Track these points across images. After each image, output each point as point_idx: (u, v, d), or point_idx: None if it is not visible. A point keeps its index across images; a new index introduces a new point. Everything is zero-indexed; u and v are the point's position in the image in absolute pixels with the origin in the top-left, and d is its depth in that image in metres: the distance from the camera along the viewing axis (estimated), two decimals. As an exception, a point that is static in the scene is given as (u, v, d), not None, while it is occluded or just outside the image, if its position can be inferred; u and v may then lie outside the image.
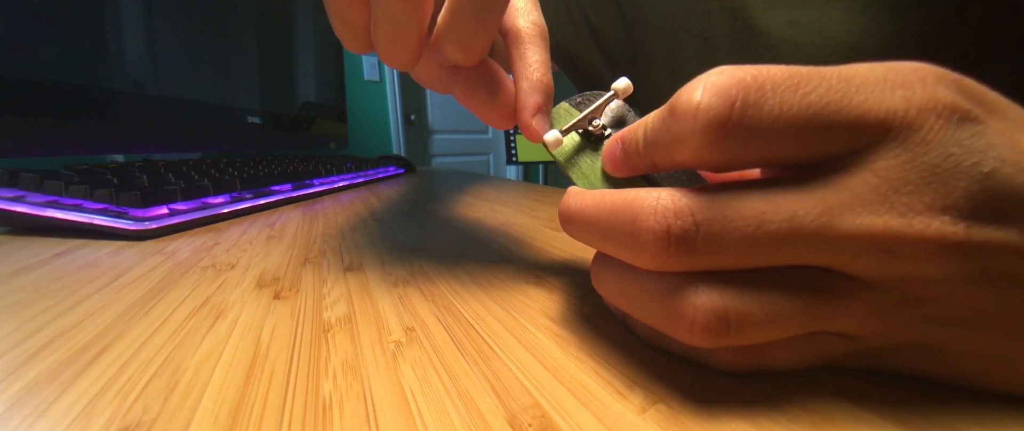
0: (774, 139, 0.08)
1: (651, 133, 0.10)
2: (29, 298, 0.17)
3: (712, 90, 0.08)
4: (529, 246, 0.24)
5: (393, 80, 1.47)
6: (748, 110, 0.08)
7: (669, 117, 0.09)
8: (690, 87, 0.09)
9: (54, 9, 0.36)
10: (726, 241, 0.09)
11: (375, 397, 0.10)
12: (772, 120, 0.08)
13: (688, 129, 0.09)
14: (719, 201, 0.09)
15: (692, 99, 0.09)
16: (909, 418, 0.09)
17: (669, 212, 0.09)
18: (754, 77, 0.08)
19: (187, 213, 0.30)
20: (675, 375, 0.11)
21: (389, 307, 0.15)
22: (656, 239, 0.09)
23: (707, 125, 0.08)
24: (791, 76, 0.08)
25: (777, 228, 0.08)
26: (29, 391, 0.11)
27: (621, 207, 0.10)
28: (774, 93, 0.08)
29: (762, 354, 0.11)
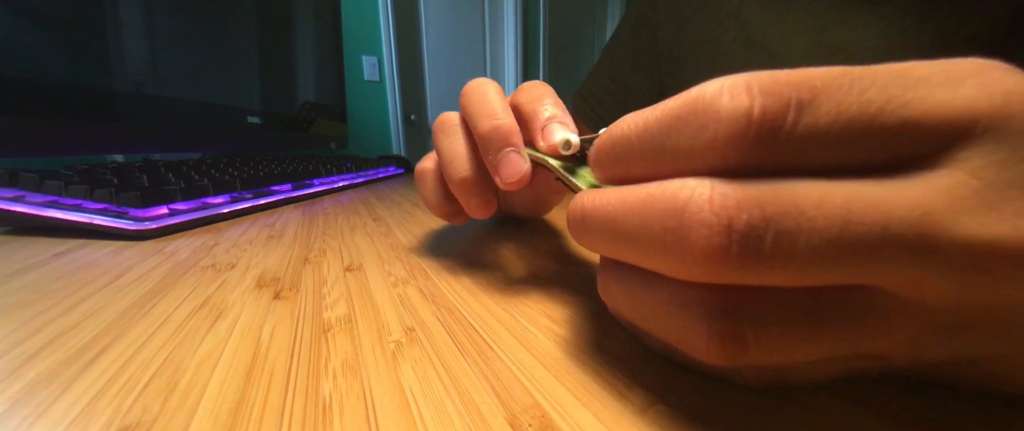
0: (831, 145, 0.07)
1: (655, 135, 0.08)
2: (29, 298, 0.17)
3: (757, 87, 0.07)
4: (529, 246, 0.24)
5: (393, 80, 1.48)
6: (804, 110, 0.07)
7: (686, 116, 0.08)
8: (711, 86, 0.08)
9: (54, 9, 0.36)
10: (801, 245, 0.07)
11: (375, 397, 0.10)
12: (830, 122, 0.07)
13: (715, 132, 0.07)
14: (790, 191, 0.07)
15: (720, 98, 0.07)
16: (911, 419, 0.09)
17: (731, 203, 0.07)
18: (800, 75, 0.07)
19: (187, 213, 0.30)
20: (675, 375, 0.11)
21: (389, 307, 0.15)
22: (712, 235, 0.07)
23: (749, 128, 0.07)
24: (842, 74, 0.07)
25: (868, 231, 0.07)
26: (29, 391, 0.11)
27: (659, 199, 0.08)
28: (828, 92, 0.07)
29: (784, 377, 0.10)
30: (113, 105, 0.41)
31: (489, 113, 0.16)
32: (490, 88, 0.17)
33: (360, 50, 1.37)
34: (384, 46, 1.44)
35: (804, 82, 0.07)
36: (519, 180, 0.15)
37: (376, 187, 0.57)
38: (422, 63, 1.65)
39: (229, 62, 0.57)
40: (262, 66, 0.64)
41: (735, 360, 0.08)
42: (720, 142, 0.07)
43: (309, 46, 0.77)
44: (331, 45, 0.85)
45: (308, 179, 0.50)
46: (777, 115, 0.07)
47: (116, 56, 0.41)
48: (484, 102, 0.16)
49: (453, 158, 0.17)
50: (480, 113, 0.16)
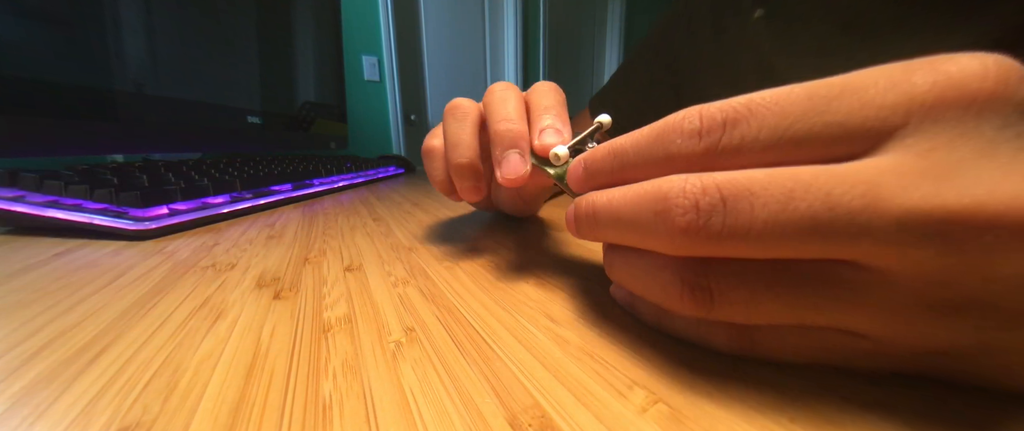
0: (762, 151, 0.09)
1: (643, 150, 0.11)
2: (29, 298, 0.17)
3: (700, 111, 0.10)
4: (529, 246, 0.24)
5: (393, 80, 1.47)
6: (734, 127, 0.09)
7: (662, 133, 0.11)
8: (679, 113, 0.10)
9: (54, 9, 0.36)
10: (755, 219, 0.08)
11: (375, 397, 0.10)
12: (754, 135, 0.09)
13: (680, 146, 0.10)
14: (748, 178, 0.09)
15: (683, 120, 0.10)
16: (911, 419, 0.09)
17: (697, 189, 0.09)
18: (735, 100, 0.09)
19: (187, 213, 0.30)
20: (675, 375, 0.11)
21: (389, 307, 0.15)
22: (685, 213, 0.09)
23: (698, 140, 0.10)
24: (771, 95, 0.09)
25: (809, 206, 0.08)
26: (29, 391, 0.11)
27: (651, 192, 0.10)
28: (752, 111, 0.09)
29: (755, 340, 0.11)
30: (113, 105, 0.41)
31: (505, 116, 0.18)
32: (512, 95, 0.19)
33: (360, 50, 1.37)
34: (384, 46, 1.43)
35: (734, 105, 0.09)
36: (517, 178, 0.17)
37: (376, 187, 0.57)
38: (422, 63, 1.65)
39: (229, 62, 0.57)
40: (262, 66, 0.64)
41: (704, 310, 0.10)
42: (684, 150, 0.10)
43: (309, 46, 0.77)
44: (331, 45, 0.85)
45: (308, 179, 0.50)
46: (713, 129, 0.10)
47: (116, 56, 0.41)
48: (504, 105, 0.18)
49: (457, 143, 0.19)
50: (498, 113, 0.18)
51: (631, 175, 0.12)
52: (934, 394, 0.10)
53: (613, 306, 0.15)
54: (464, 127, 0.19)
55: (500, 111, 0.18)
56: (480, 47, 1.87)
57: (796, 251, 0.08)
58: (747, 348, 0.11)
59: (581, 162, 0.14)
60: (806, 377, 0.11)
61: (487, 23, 1.85)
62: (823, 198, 0.08)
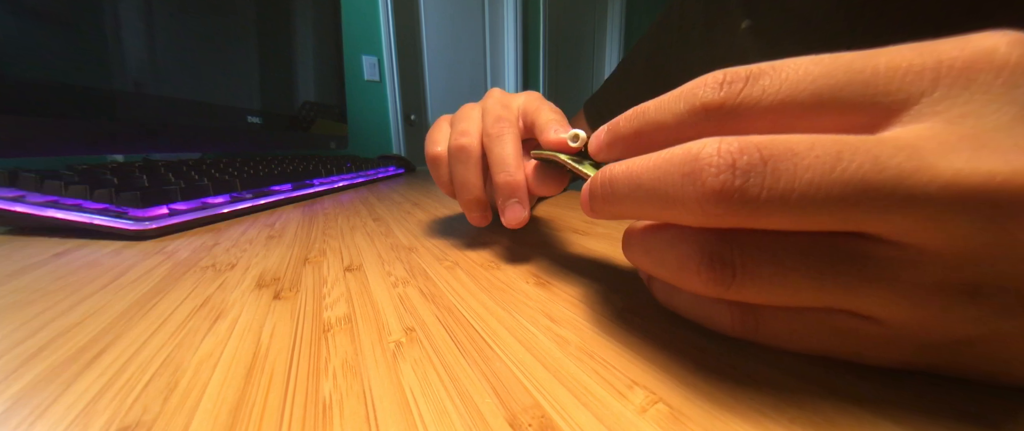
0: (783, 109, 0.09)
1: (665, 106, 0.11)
2: (29, 298, 0.17)
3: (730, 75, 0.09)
4: (529, 246, 0.24)
5: (393, 80, 1.47)
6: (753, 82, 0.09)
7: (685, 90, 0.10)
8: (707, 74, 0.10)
9: (54, 9, 0.36)
10: (797, 182, 0.07)
11: (375, 397, 0.10)
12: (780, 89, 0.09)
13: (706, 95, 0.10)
14: (786, 141, 0.08)
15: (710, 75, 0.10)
16: (911, 418, 0.09)
17: (734, 148, 0.08)
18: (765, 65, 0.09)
19: (187, 213, 0.30)
20: (675, 375, 0.11)
21: (389, 307, 0.15)
22: (720, 173, 0.08)
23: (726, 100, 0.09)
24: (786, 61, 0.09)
25: (859, 167, 0.07)
26: (29, 391, 0.11)
27: (679, 154, 0.09)
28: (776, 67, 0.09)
29: (761, 323, 0.10)
30: (113, 105, 0.41)
31: (503, 165, 0.20)
32: (509, 140, 0.20)
33: (360, 50, 1.37)
34: (384, 46, 1.43)
35: (758, 64, 0.09)
36: (519, 223, 0.20)
37: (376, 187, 0.57)
38: (422, 63, 1.65)
39: (229, 62, 0.57)
40: (262, 66, 0.64)
41: (723, 286, 0.09)
42: (706, 98, 0.10)
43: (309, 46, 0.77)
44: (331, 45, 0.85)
45: (308, 179, 0.50)
46: (735, 81, 0.09)
47: (116, 56, 0.41)
48: (504, 156, 0.20)
49: (465, 185, 0.22)
50: (499, 165, 0.20)
51: (653, 136, 0.11)
52: (935, 394, 0.10)
53: (614, 306, 0.15)
54: (469, 169, 0.21)
55: (500, 161, 0.20)
56: (480, 47, 1.87)
57: (842, 220, 0.08)
58: (751, 330, 0.11)
59: (603, 128, 0.13)
60: (806, 377, 0.11)
61: (487, 23, 1.85)
62: (872, 160, 0.07)
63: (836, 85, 0.08)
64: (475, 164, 0.21)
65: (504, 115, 0.21)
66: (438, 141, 0.24)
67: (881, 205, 0.07)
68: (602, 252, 0.22)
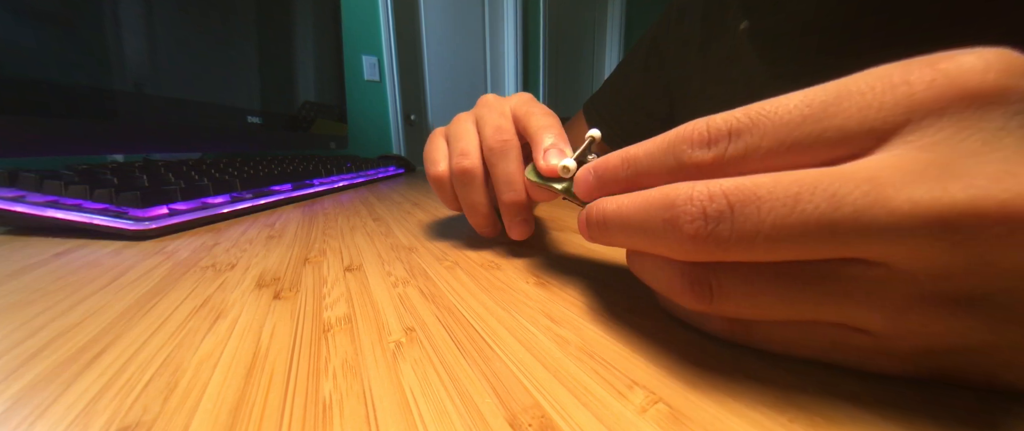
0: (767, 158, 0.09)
1: (656, 159, 0.11)
2: (29, 298, 0.17)
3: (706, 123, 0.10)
4: (529, 246, 0.24)
5: (393, 80, 1.47)
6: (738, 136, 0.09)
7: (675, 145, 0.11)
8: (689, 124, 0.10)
9: (54, 9, 0.36)
10: (762, 226, 0.08)
11: (375, 397, 0.10)
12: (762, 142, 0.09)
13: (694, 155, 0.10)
14: (754, 184, 0.09)
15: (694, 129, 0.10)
16: (910, 418, 0.09)
17: (704, 196, 0.09)
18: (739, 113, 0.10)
19: (187, 213, 0.30)
20: (675, 375, 0.11)
21: (389, 307, 0.15)
22: (693, 220, 0.09)
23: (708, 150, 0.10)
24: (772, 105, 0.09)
25: (816, 207, 0.08)
26: (29, 391, 0.11)
27: (658, 199, 0.10)
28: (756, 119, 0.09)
29: (751, 331, 0.11)
30: (113, 105, 0.41)
31: (513, 187, 0.20)
32: (513, 157, 0.20)
33: (360, 50, 1.37)
34: (384, 46, 1.44)
35: (737, 116, 0.10)
36: (525, 237, 0.22)
37: (376, 187, 0.57)
38: (422, 63, 1.65)
39: (229, 62, 0.57)
40: (262, 66, 0.64)
41: (703, 304, 0.10)
42: (695, 158, 0.10)
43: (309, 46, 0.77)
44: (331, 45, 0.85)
45: (308, 179, 0.50)
46: (719, 139, 0.10)
47: (116, 56, 0.41)
48: (510, 175, 0.20)
49: (474, 207, 0.22)
50: (506, 184, 0.20)
51: (644, 182, 0.12)
52: (936, 394, 0.10)
53: (614, 306, 0.15)
54: (475, 191, 0.22)
55: (505, 175, 0.20)
56: (480, 47, 1.87)
57: (807, 252, 0.08)
58: (742, 337, 0.11)
59: (590, 171, 0.14)
60: (806, 377, 0.11)
61: (487, 23, 1.85)
62: (829, 198, 0.08)
63: (813, 132, 0.09)
64: (480, 185, 0.22)
65: (503, 125, 0.21)
66: (437, 161, 0.23)
67: (840, 238, 0.08)
68: (602, 252, 0.22)
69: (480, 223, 0.23)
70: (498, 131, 0.21)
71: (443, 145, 0.24)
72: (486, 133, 0.21)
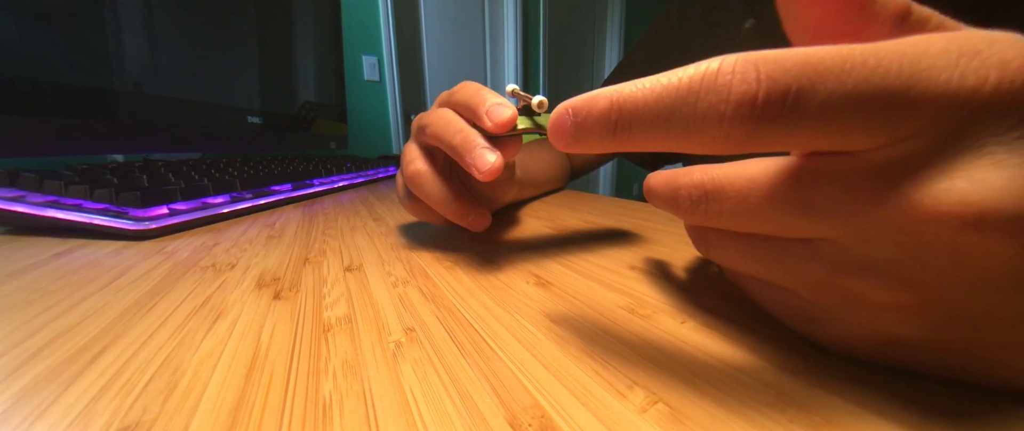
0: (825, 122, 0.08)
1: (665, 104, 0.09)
2: (29, 298, 0.17)
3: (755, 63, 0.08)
4: (529, 246, 0.24)
5: (393, 80, 1.47)
6: (802, 95, 0.08)
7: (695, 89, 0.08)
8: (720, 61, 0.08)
9: (54, 9, 0.36)
10: (724, 210, 0.11)
11: (375, 397, 0.10)
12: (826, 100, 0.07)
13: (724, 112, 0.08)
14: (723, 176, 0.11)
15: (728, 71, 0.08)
16: (909, 418, 0.09)
17: (691, 184, 0.11)
18: (802, 60, 0.08)
19: (187, 213, 0.30)
20: (675, 375, 0.11)
21: (389, 307, 0.15)
22: (686, 213, 0.12)
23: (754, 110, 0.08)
24: (845, 58, 0.08)
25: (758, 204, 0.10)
26: (29, 391, 0.11)
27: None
28: (829, 71, 0.07)
29: (743, 282, 0.13)
30: (113, 105, 0.41)
31: (454, 130, 0.20)
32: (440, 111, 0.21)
33: (360, 50, 1.37)
34: (384, 46, 1.43)
35: (806, 68, 0.08)
36: (494, 169, 0.18)
37: (376, 187, 0.57)
38: (422, 63, 1.65)
39: (229, 62, 0.57)
40: (262, 66, 0.64)
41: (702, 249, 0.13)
42: (727, 119, 0.08)
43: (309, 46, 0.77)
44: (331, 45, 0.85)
45: (308, 179, 0.50)
46: (777, 101, 0.08)
47: (116, 56, 0.41)
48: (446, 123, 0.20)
49: (441, 202, 0.22)
50: (445, 132, 0.20)
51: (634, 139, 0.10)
52: (935, 394, 0.10)
53: (614, 305, 0.15)
54: (429, 185, 0.22)
55: (440, 128, 0.20)
56: (480, 47, 1.87)
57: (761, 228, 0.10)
58: (740, 285, 0.14)
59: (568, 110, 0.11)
60: (805, 377, 0.11)
61: (487, 23, 1.85)
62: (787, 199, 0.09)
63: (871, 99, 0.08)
64: (433, 178, 0.22)
65: (431, 110, 0.22)
66: (402, 195, 0.25)
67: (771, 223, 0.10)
68: (602, 252, 0.22)
69: (456, 211, 0.22)
70: (426, 113, 0.22)
71: (400, 178, 0.25)
72: (419, 127, 0.22)
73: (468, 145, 0.19)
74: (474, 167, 0.18)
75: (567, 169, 0.48)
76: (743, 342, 0.12)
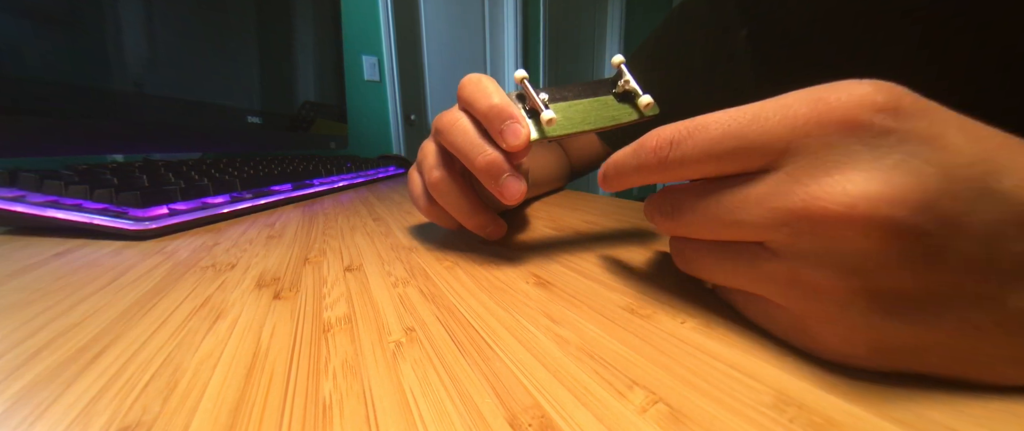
0: (698, 164, 0.12)
1: (630, 162, 0.15)
2: (29, 298, 0.17)
3: (656, 133, 0.14)
4: (529, 246, 0.24)
5: (393, 80, 1.47)
6: (676, 147, 0.13)
7: (638, 150, 0.14)
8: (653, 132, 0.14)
9: (54, 9, 0.36)
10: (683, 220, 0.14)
11: (375, 397, 0.10)
12: (693, 151, 0.12)
13: (649, 160, 0.14)
14: (684, 193, 0.14)
15: (650, 140, 0.14)
16: (909, 418, 0.09)
17: (659, 198, 0.15)
18: (683, 123, 0.13)
19: (187, 213, 0.30)
20: (675, 375, 0.11)
21: (389, 307, 0.15)
22: (656, 217, 0.15)
23: (656, 154, 0.13)
24: (706, 118, 0.12)
25: (717, 212, 0.12)
26: (29, 391, 0.11)
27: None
28: (692, 131, 0.12)
29: (727, 295, 0.15)
30: (113, 105, 0.41)
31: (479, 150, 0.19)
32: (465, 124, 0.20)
33: (360, 50, 1.37)
34: (384, 46, 1.43)
35: (678, 128, 0.13)
36: (520, 196, 0.20)
37: (376, 187, 0.57)
38: (422, 63, 1.65)
39: (229, 62, 0.57)
40: (262, 66, 0.64)
41: (680, 263, 0.15)
42: (648, 161, 0.14)
43: (309, 46, 0.77)
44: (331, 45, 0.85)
45: (308, 179, 0.50)
46: (662, 147, 0.13)
47: (116, 56, 0.41)
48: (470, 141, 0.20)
49: (463, 212, 0.22)
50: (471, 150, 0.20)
51: (624, 176, 0.15)
52: (935, 394, 0.10)
53: (614, 306, 0.15)
54: (453, 195, 0.22)
55: (465, 144, 0.20)
56: (480, 47, 1.86)
57: (719, 234, 0.13)
58: (724, 297, 0.15)
59: (610, 166, 0.17)
60: (805, 377, 0.11)
61: (487, 23, 1.85)
62: (726, 205, 0.12)
63: (729, 148, 0.11)
64: (458, 189, 0.22)
65: (451, 116, 0.21)
66: (419, 195, 0.24)
67: (737, 228, 0.12)
68: (602, 252, 0.22)
69: (476, 223, 0.23)
70: (448, 120, 0.21)
71: (417, 178, 0.25)
72: (439, 131, 0.21)
73: (494, 172, 0.19)
74: (501, 196, 0.19)
75: (567, 169, 0.48)
76: (743, 342, 0.12)
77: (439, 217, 0.24)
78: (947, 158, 0.09)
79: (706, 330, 0.13)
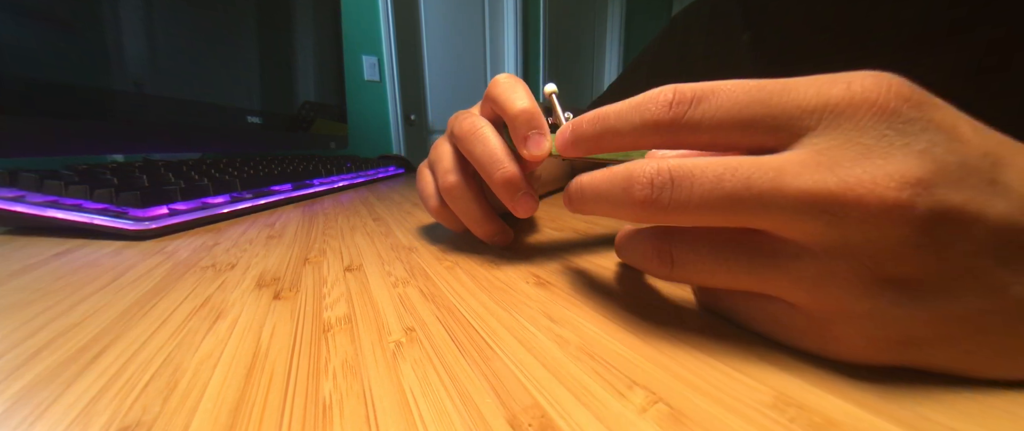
0: (716, 129, 0.11)
1: (623, 115, 0.13)
2: (29, 298, 0.17)
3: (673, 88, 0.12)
4: (529, 246, 0.24)
5: (393, 80, 1.48)
6: (696, 105, 0.11)
7: (641, 103, 0.12)
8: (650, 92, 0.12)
9: (54, 9, 0.36)
10: (694, 194, 0.11)
11: (375, 397, 0.10)
12: (716, 112, 0.11)
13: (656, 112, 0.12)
14: (692, 164, 0.11)
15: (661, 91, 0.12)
16: (909, 418, 0.09)
17: (653, 170, 0.11)
18: (704, 83, 0.11)
19: (187, 213, 0.30)
20: (675, 375, 0.11)
21: (389, 307, 0.15)
22: (643, 188, 0.11)
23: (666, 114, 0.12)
24: (726, 82, 0.11)
25: (733, 186, 0.10)
26: (29, 391, 0.11)
27: (621, 173, 0.12)
28: (715, 93, 0.11)
29: (719, 299, 0.14)
30: (113, 105, 0.41)
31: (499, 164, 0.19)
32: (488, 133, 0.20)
33: (360, 50, 1.37)
34: (384, 46, 1.44)
35: (703, 86, 0.11)
36: (532, 212, 0.20)
37: (376, 187, 0.57)
38: (422, 63, 1.65)
39: (229, 62, 0.57)
40: (262, 66, 0.64)
41: (668, 274, 0.13)
42: (656, 116, 0.12)
43: (309, 46, 0.77)
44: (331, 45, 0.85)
45: (308, 179, 0.50)
46: (682, 103, 0.11)
47: (116, 56, 0.41)
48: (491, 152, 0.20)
49: (474, 219, 0.22)
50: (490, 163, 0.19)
51: (611, 140, 0.14)
52: (935, 394, 0.10)
53: (613, 306, 0.15)
54: (466, 201, 0.22)
55: (485, 155, 0.20)
56: (480, 47, 1.87)
57: (725, 220, 0.11)
58: (714, 305, 0.14)
59: (567, 127, 0.16)
60: (805, 377, 0.11)
61: (487, 23, 1.85)
62: (743, 180, 0.10)
63: (756, 115, 0.11)
64: (471, 195, 0.22)
65: (472, 120, 0.21)
66: (429, 196, 0.24)
67: (750, 212, 0.10)
68: (602, 252, 0.22)
69: (486, 231, 0.22)
70: (468, 126, 0.20)
71: (429, 177, 0.24)
72: (458, 132, 0.21)
73: (511, 189, 0.19)
74: (515, 211, 0.20)
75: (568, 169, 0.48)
76: (743, 342, 0.12)
77: (448, 220, 0.24)
78: (962, 148, 0.09)
79: (706, 330, 0.13)
